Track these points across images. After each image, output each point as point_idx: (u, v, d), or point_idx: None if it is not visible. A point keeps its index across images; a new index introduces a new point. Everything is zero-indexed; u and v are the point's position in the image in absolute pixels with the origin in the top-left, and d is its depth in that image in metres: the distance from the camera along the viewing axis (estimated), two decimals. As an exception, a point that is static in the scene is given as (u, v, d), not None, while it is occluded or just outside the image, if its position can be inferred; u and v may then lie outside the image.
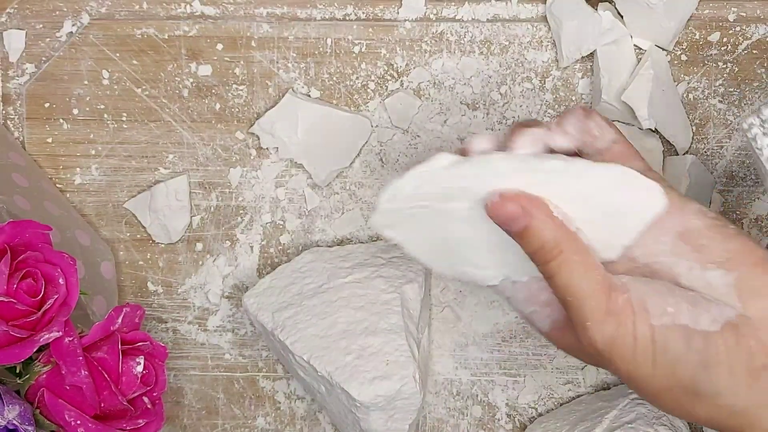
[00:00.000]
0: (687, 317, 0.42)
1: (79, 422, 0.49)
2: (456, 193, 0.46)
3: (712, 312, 0.42)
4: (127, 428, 0.52)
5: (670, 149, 0.61)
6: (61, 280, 0.50)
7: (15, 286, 0.49)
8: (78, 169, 0.62)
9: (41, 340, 0.49)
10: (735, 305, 0.42)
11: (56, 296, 0.50)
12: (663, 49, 0.60)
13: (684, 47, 0.61)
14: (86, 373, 0.49)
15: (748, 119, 0.42)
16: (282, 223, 0.62)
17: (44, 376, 0.50)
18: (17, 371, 0.51)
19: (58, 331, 0.49)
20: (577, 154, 0.47)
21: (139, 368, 0.52)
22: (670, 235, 0.44)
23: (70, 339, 0.49)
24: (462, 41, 0.61)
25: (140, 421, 0.52)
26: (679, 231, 0.44)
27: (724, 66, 0.61)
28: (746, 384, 0.42)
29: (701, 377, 0.42)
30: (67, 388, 0.50)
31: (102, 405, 0.51)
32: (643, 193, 0.44)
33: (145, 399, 0.53)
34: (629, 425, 0.58)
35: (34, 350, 0.49)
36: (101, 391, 0.50)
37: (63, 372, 0.49)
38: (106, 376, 0.50)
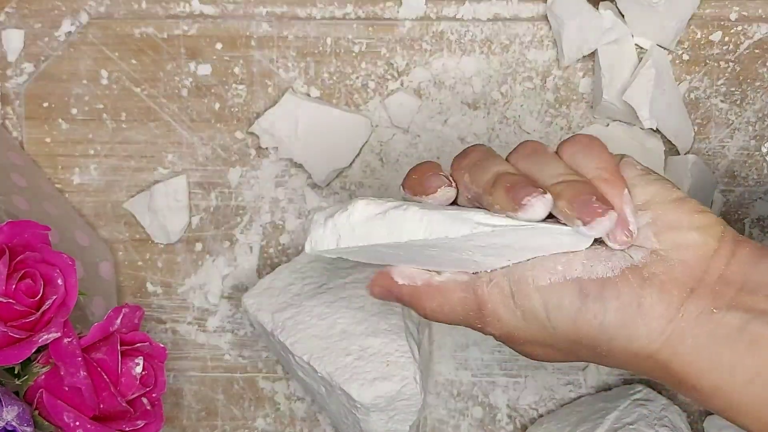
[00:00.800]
0: (580, 270, 0.42)
1: (78, 423, 0.49)
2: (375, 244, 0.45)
3: (613, 261, 0.42)
4: (127, 429, 0.52)
5: (671, 149, 0.61)
6: (59, 281, 0.50)
7: (14, 286, 0.49)
8: (77, 168, 0.62)
9: (40, 340, 0.49)
10: (650, 241, 0.42)
11: (55, 297, 0.50)
12: (664, 49, 0.60)
13: (685, 46, 0.60)
14: (85, 374, 0.49)
15: None
16: (281, 223, 0.62)
17: (43, 377, 0.50)
18: (16, 372, 0.51)
19: (57, 332, 0.49)
20: None
21: (138, 369, 0.52)
22: None
23: (69, 340, 0.49)
24: (462, 40, 0.61)
25: (139, 422, 0.52)
26: None
27: (726, 65, 0.60)
28: (664, 321, 0.41)
29: (607, 323, 0.42)
30: (66, 389, 0.50)
31: (101, 406, 0.50)
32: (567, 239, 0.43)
33: (144, 400, 0.53)
34: (630, 426, 0.57)
35: (33, 351, 0.49)
36: (100, 392, 0.50)
37: (62, 373, 0.49)
38: (105, 377, 0.50)
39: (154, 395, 0.53)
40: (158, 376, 0.53)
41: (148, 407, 0.53)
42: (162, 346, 0.54)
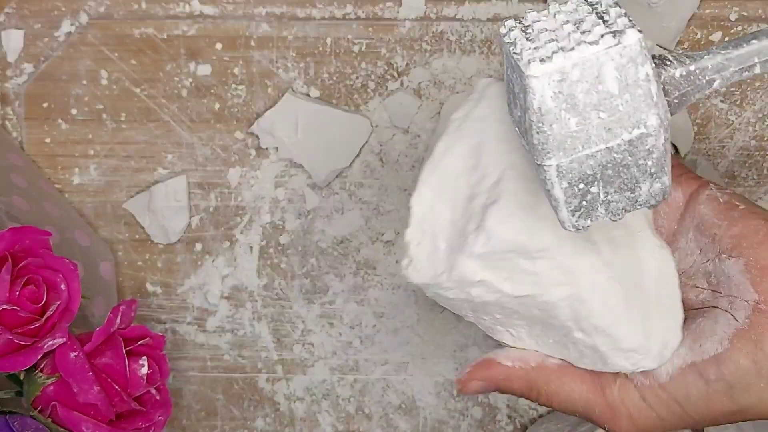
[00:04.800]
0: (691, 353, 0.42)
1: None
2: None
3: (718, 331, 0.41)
4: (142, 426, 0.52)
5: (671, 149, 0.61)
6: (62, 286, 0.50)
7: (17, 293, 0.49)
8: (77, 169, 0.62)
9: (45, 347, 0.49)
10: (750, 292, 0.41)
11: (58, 302, 0.50)
12: (664, 49, 0.60)
13: (685, 47, 0.60)
14: (98, 388, 0.49)
15: (507, 22, 0.38)
16: (281, 223, 0.62)
17: (51, 387, 0.50)
18: (19, 378, 0.51)
19: (62, 338, 0.49)
20: None
21: (144, 370, 0.52)
22: (691, 231, 0.44)
23: (76, 354, 0.49)
24: (462, 40, 0.61)
25: (156, 415, 0.53)
26: (695, 224, 0.43)
27: (726, 65, 0.60)
28: None
29: (737, 397, 0.41)
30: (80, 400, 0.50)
31: (114, 410, 0.51)
32: None
33: (153, 390, 0.54)
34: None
35: (39, 357, 0.49)
36: (112, 398, 0.50)
37: (75, 390, 0.49)
38: (115, 385, 0.51)
39: (159, 383, 0.54)
40: (161, 366, 0.54)
41: (157, 396, 0.54)
42: (160, 335, 0.54)
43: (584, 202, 0.37)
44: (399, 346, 0.63)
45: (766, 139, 0.61)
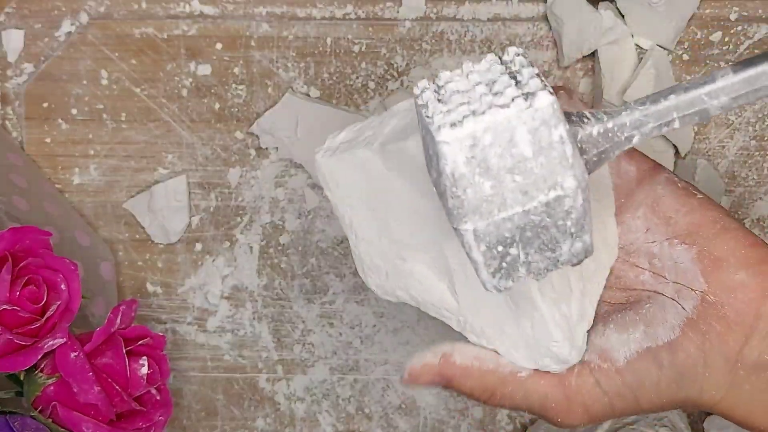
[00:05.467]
0: (646, 339, 0.42)
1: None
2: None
3: (669, 319, 0.42)
4: (142, 426, 0.52)
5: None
6: (63, 286, 0.50)
7: (17, 293, 0.49)
8: (77, 169, 0.62)
9: (45, 347, 0.49)
10: (699, 282, 0.41)
11: (59, 302, 0.50)
12: (664, 49, 0.60)
13: (685, 47, 0.60)
14: (99, 388, 0.49)
15: (420, 82, 0.37)
16: (281, 223, 0.62)
17: (52, 388, 0.50)
18: (19, 378, 0.51)
19: (62, 338, 0.49)
20: None
21: (144, 370, 0.52)
22: (642, 208, 0.43)
23: (76, 354, 0.49)
24: (462, 40, 0.61)
25: (156, 415, 0.53)
26: (649, 203, 0.43)
27: (726, 65, 0.60)
28: (725, 373, 0.41)
29: (684, 385, 0.42)
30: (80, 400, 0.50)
31: (115, 410, 0.51)
32: None
33: (153, 390, 0.54)
34: (630, 426, 0.57)
35: (39, 357, 0.49)
36: (113, 398, 0.50)
37: (75, 390, 0.49)
38: (115, 385, 0.51)
39: (159, 383, 0.54)
40: (162, 366, 0.54)
41: (157, 396, 0.54)
42: (161, 335, 0.54)
43: (504, 264, 0.37)
44: (399, 346, 0.63)
45: (766, 139, 0.61)
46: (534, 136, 0.35)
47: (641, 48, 0.60)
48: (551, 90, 0.35)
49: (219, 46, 0.61)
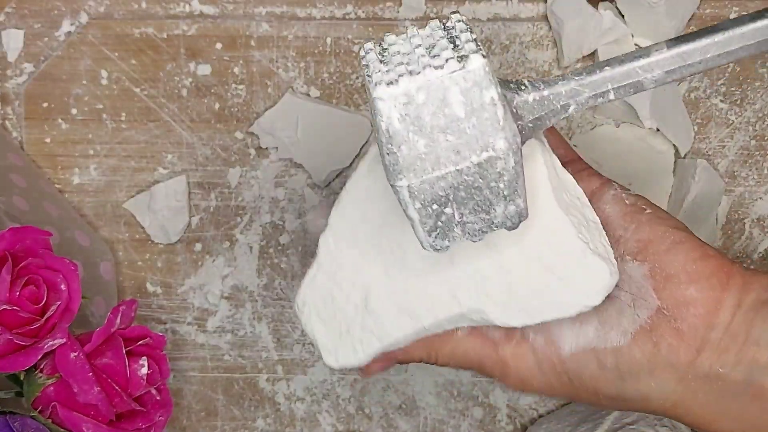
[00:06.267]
0: (594, 338, 0.42)
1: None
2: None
3: (623, 324, 0.42)
4: (142, 426, 0.52)
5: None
6: (63, 286, 0.50)
7: (17, 293, 0.49)
8: (76, 169, 0.62)
9: (45, 347, 0.49)
10: (652, 298, 0.42)
11: (59, 302, 0.50)
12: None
13: (685, 46, 0.60)
14: (98, 389, 0.49)
15: (366, 44, 0.39)
16: (281, 223, 0.62)
17: (52, 388, 0.50)
18: (19, 379, 0.51)
19: (62, 338, 0.49)
20: None
21: (144, 370, 0.52)
22: None
23: (76, 354, 0.49)
24: (462, 40, 0.61)
25: (156, 415, 0.53)
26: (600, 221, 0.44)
27: (726, 65, 0.60)
28: (674, 382, 0.41)
29: (624, 388, 0.42)
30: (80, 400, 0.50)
31: (114, 410, 0.51)
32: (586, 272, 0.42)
33: (153, 390, 0.54)
34: (630, 426, 0.57)
35: (39, 357, 0.49)
36: (112, 399, 0.50)
37: (75, 390, 0.49)
38: (115, 386, 0.50)
39: (159, 383, 0.54)
40: (162, 366, 0.54)
41: (157, 397, 0.54)
42: (161, 335, 0.54)
43: (439, 223, 0.38)
44: (399, 346, 0.63)
45: (766, 139, 0.61)
46: (466, 97, 0.36)
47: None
48: (484, 53, 0.36)
49: (219, 46, 0.61)
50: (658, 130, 0.60)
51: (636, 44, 0.60)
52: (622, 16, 0.59)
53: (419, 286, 0.43)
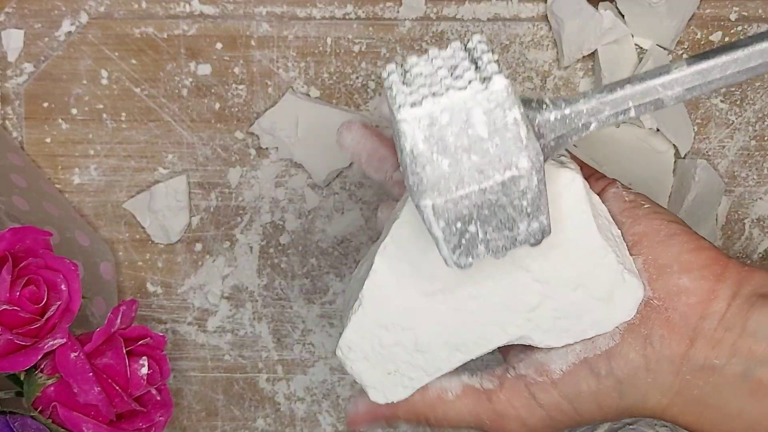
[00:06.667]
0: (583, 350, 0.42)
1: None
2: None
3: None
4: (143, 426, 0.52)
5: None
6: (63, 286, 0.50)
7: (18, 293, 0.49)
8: (77, 169, 0.62)
9: (45, 347, 0.49)
10: (645, 290, 0.42)
11: (59, 303, 0.50)
12: (664, 49, 0.60)
13: (685, 47, 0.60)
14: (99, 389, 0.49)
15: (388, 66, 0.39)
16: (282, 223, 0.62)
17: (52, 388, 0.50)
18: (19, 379, 0.51)
19: (62, 338, 0.49)
20: None
21: (144, 370, 0.52)
22: None
23: (76, 354, 0.49)
24: (462, 41, 0.61)
25: (157, 415, 0.53)
26: None
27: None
28: (671, 376, 0.41)
29: (625, 391, 0.42)
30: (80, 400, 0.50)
31: (115, 410, 0.51)
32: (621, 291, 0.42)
33: (153, 390, 0.54)
34: (630, 426, 0.57)
35: (39, 357, 0.49)
36: (113, 399, 0.50)
37: (75, 390, 0.49)
38: (115, 386, 0.50)
39: (159, 383, 0.54)
40: (162, 366, 0.54)
41: (157, 397, 0.54)
42: (161, 335, 0.54)
43: (463, 241, 0.38)
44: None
45: (766, 139, 0.61)
46: (489, 118, 0.36)
47: (641, 48, 0.60)
48: (507, 74, 0.37)
49: (219, 45, 0.61)
50: (658, 130, 0.60)
51: (636, 44, 0.60)
52: (622, 16, 0.59)
53: (467, 322, 0.43)
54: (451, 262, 0.39)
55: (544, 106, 0.39)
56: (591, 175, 0.46)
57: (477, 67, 0.37)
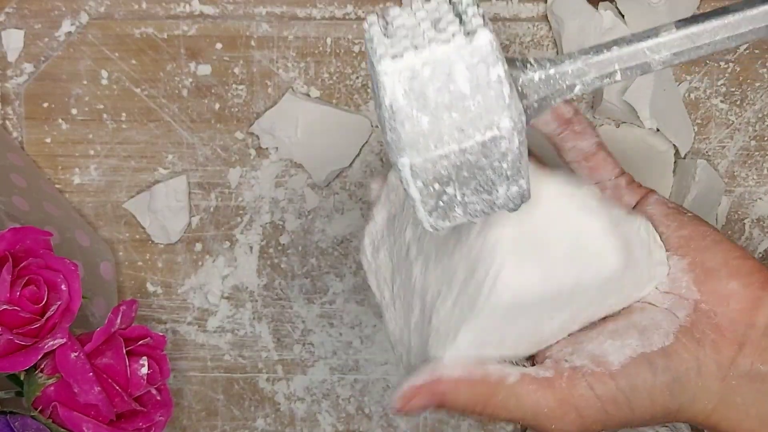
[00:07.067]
0: (640, 345, 0.42)
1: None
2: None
3: (663, 325, 0.42)
4: (143, 426, 0.52)
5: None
6: (63, 286, 0.50)
7: (18, 293, 0.49)
8: (77, 169, 0.62)
9: (46, 347, 0.49)
10: (691, 291, 0.42)
11: (59, 303, 0.50)
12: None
13: (685, 47, 0.60)
14: (99, 389, 0.49)
15: (370, 17, 0.37)
16: (281, 223, 0.62)
17: (52, 388, 0.50)
18: (20, 379, 0.51)
19: (62, 338, 0.49)
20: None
21: (144, 370, 0.52)
22: None
23: (77, 354, 0.49)
24: (462, 41, 0.61)
25: (156, 416, 0.53)
26: None
27: (726, 66, 0.60)
28: (717, 381, 0.41)
29: (676, 391, 0.42)
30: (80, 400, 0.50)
31: (115, 410, 0.51)
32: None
33: (153, 390, 0.54)
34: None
35: (39, 357, 0.49)
36: (113, 398, 0.50)
37: (75, 390, 0.49)
38: (115, 386, 0.51)
39: (159, 383, 0.54)
40: (162, 366, 0.54)
41: (157, 397, 0.54)
42: (161, 335, 0.54)
43: (441, 203, 0.37)
44: (399, 346, 0.63)
45: (766, 139, 0.61)
46: (472, 74, 0.35)
47: (641, 48, 0.60)
48: (491, 28, 0.35)
49: (219, 46, 0.61)
50: (658, 130, 0.60)
51: (636, 44, 0.60)
52: (622, 16, 0.59)
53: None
54: (427, 224, 0.38)
55: (529, 66, 0.38)
56: (631, 182, 0.46)
57: (461, 21, 0.36)
